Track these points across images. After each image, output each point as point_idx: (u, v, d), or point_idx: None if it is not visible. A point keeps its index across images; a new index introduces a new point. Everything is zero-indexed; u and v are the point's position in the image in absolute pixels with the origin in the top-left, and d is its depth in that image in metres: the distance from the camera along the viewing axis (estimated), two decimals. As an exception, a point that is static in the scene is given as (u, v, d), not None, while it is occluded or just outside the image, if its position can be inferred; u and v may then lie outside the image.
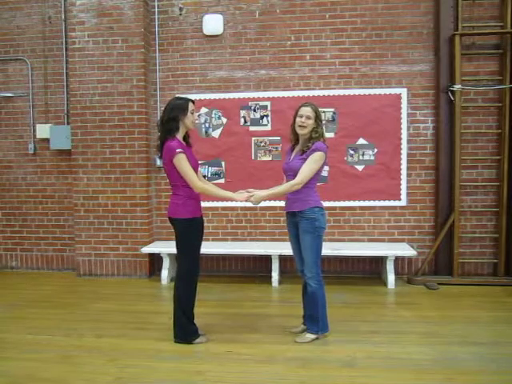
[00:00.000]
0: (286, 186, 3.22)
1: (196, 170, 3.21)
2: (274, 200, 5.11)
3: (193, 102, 3.26)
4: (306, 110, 3.19)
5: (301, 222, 3.21)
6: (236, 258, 5.37)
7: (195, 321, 3.33)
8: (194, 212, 3.21)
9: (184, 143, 3.22)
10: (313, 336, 3.30)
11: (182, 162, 3.07)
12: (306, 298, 3.38)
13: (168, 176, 3.25)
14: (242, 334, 3.45)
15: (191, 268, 3.24)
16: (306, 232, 3.20)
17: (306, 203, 3.19)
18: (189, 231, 3.20)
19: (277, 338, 3.38)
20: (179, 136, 3.19)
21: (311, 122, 3.17)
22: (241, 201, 3.27)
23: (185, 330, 3.27)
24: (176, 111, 3.15)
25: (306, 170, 3.12)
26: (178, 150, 3.06)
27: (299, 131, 3.22)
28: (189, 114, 3.18)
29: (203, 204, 3.40)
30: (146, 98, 5.23)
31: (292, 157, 3.31)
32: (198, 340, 3.29)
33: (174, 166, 3.10)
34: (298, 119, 3.21)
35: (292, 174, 3.22)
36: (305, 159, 3.14)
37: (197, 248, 3.27)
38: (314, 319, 3.30)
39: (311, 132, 3.19)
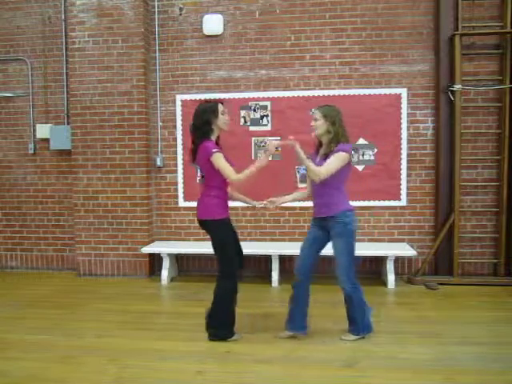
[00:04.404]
0: (315, 167, 3.09)
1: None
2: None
3: (222, 103, 3.31)
4: (313, 113, 3.26)
5: (333, 226, 3.19)
6: (236, 257, 5.36)
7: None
8: (224, 213, 3.28)
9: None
10: (354, 337, 3.32)
11: (219, 159, 3.13)
12: (346, 304, 3.33)
13: (205, 176, 3.27)
14: (242, 334, 3.44)
15: (233, 266, 3.28)
16: (339, 236, 3.17)
17: (337, 207, 3.18)
18: (224, 230, 3.27)
19: (277, 338, 3.37)
20: (213, 138, 3.26)
21: (320, 122, 3.19)
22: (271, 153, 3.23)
23: (225, 328, 3.31)
24: (208, 114, 3.21)
25: (330, 164, 3.08)
26: (214, 150, 3.13)
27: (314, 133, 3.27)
28: (220, 115, 3.24)
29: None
30: (145, 98, 5.23)
31: (317, 161, 3.27)
32: (234, 337, 3.33)
33: (211, 165, 3.15)
34: None
35: None
36: None
37: (232, 246, 3.30)
38: (353, 321, 3.32)
39: (326, 134, 3.19)
